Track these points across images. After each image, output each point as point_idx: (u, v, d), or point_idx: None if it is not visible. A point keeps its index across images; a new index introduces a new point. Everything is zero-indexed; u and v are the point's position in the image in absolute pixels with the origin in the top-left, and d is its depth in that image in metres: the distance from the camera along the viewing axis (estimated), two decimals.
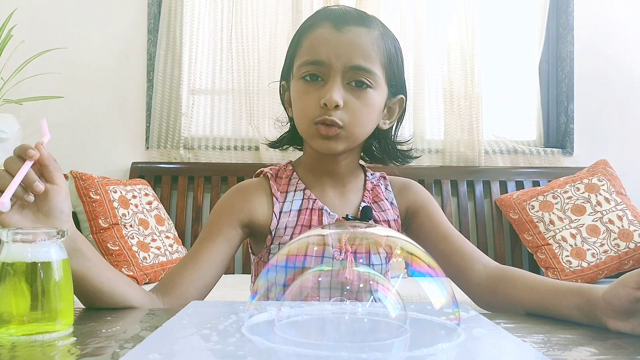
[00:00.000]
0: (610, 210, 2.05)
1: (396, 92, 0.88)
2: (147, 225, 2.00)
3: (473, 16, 2.40)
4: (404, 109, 0.90)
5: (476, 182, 2.36)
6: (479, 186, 2.36)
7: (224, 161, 2.38)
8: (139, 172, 2.32)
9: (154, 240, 1.97)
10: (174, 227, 2.16)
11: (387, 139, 0.92)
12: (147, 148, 2.39)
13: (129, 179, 2.27)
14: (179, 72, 2.39)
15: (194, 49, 2.42)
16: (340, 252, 0.56)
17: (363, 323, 0.52)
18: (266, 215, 0.86)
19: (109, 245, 1.85)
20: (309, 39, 0.83)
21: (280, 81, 0.92)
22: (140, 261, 1.86)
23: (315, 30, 0.83)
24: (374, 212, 0.87)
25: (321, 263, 0.55)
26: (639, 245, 1.99)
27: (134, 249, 1.88)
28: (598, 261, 1.97)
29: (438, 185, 2.36)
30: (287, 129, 0.95)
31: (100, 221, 1.88)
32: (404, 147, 0.94)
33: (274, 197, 0.86)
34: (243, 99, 2.40)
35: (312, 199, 0.86)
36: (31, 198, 0.63)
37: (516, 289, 0.75)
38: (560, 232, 2.04)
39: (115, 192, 1.97)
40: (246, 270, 2.24)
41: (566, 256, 1.99)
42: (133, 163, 2.35)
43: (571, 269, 1.97)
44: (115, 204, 1.93)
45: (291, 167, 0.91)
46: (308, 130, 0.82)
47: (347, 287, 0.52)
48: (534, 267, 2.17)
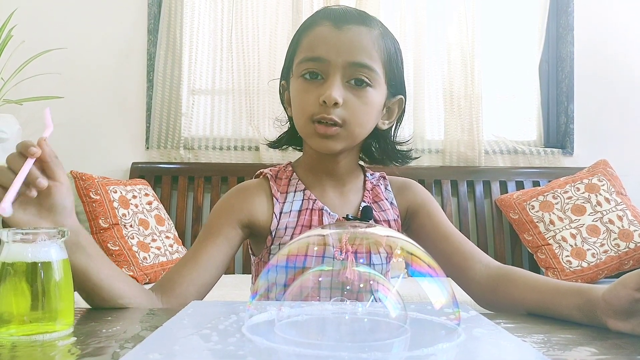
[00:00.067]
0: (611, 211, 2.05)
1: (395, 93, 0.87)
2: (147, 226, 2.00)
3: (473, 16, 2.40)
4: (403, 109, 0.90)
5: (476, 182, 2.36)
6: (479, 186, 2.36)
7: (224, 161, 2.38)
8: (139, 172, 2.32)
9: (154, 241, 1.97)
10: (174, 227, 2.16)
11: (386, 139, 0.92)
12: (147, 148, 2.39)
13: (129, 179, 2.27)
14: (179, 72, 2.39)
15: (194, 49, 2.42)
16: (341, 252, 0.56)
17: (363, 323, 0.52)
18: (266, 216, 0.85)
19: (109, 245, 1.85)
20: (309, 36, 0.83)
21: (280, 81, 0.92)
22: (140, 261, 1.86)
23: (315, 29, 0.83)
24: (374, 212, 0.87)
25: (322, 263, 0.55)
26: (639, 245, 1.99)
27: (134, 249, 1.88)
28: (598, 261, 1.97)
29: (438, 185, 2.36)
30: (287, 129, 0.95)
31: (100, 221, 1.88)
32: (403, 148, 0.94)
33: (274, 198, 0.86)
34: (243, 99, 2.40)
35: (312, 199, 0.86)
36: (34, 193, 0.62)
37: (517, 288, 0.75)
38: (560, 232, 2.04)
39: (116, 192, 1.97)
40: (246, 270, 2.24)
41: (566, 256, 1.99)
42: (133, 163, 2.35)
43: (571, 269, 1.97)
44: (115, 204, 1.93)
45: (291, 168, 0.91)
46: (306, 128, 0.82)
47: (348, 287, 0.52)
48: (534, 267, 2.17)
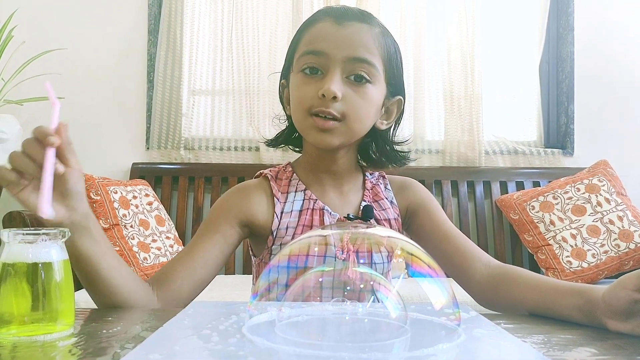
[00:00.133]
0: (611, 211, 2.05)
1: (395, 93, 0.87)
2: (148, 226, 2.00)
3: (473, 16, 2.39)
4: (402, 110, 0.90)
5: (476, 182, 2.36)
6: (480, 187, 2.36)
7: (224, 162, 2.38)
8: (139, 172, 2.32)
9: (154, 241, 1.97)
10: (174, 228, 2.16)
11: (384, 139, 0.91)
12: (148, 148, 2.39)
13: (130, 179, 2.27)
14: (180, 72, 2.39)
15: (194, 49, 2.42)
16: (343, 252, 0.56)
17: (363, 323, 0.52)
18: (267, 216, 0.85)
19: None
20: (310, 32, 0.83)
21: (280, 79, 0.92)
22: (140, 262, 1.86)
23: (316, 25, 0.83)
24: (374, 211, 0.87)
25: (323, 263, 0.55)
26: (639, 245, 1.99)
27: (135, 249, 1.88)
28: (598, 262, 1.97)
29: (438, 185, 2.36)
30: (285, 128, 0.95)
31: (100, 222, 1.88)
32: (402, 148, 0.93)
33: (274, 198, 0.86)
34: (243, 100, 2.40)
35: (312, 199, 0.86)
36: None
37: (517, 287, 0.75)
38: (560, 232, 2.04)
39: (116, 193, 1.97)
40: (247, 271, 2.24)
41: (566, 256, 1.99)
42: (133, 164, 2.35)
43: (571, 270, 1.97)
44: (115, 205, 1.93)
45: (291, 168, 0.91)
46: (304, 121, 0.81)
47: (349, 287, 0.52)
48: (534, 267, 2.17)
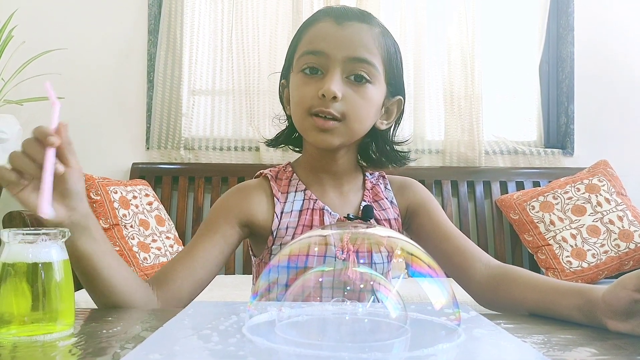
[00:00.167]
0: (611, 211, 2.05)
1: (395, 93, 0.87)
2: (148, 226, 2.00)
3: (473, 16, 2.39)
4: (402, 110, 0.90)
5: (476, 182, 2.36)
6: (480, 187, 2.36)
7: (224, 162, 2.38)
8: (139, 172, 2.32)
9: (154, 241, 1.97)
10: (174, 228, 2.16)
11: (384, 139, 0.91)
12: (148, 148, 2.39)
13: (130, 179, 2.27)
14: (179, 72, 2.39)
15: (194, 49, 2.42)
16: (343, 252, 0.56)
17: (363, 323, 0.52)
18: (267, 216, 0.85)
19: None
20: (310, 32, 0.83)
21: (280, 79, 0.92)
22: (140, 262, 1.86)
23: (316, 25, 0.83)
24: (374, 211, 0.87)
25: (323, 263, 0.55)
26: (639, 245, 1.99)
27: (135, 249, 1.88)
28: (598, 262, 1.97)
29: (438, 185, 2.36)
30: (285, 128, 0.95)
31: (100, 222, 1.88)
32: (402, 148, 0.93)
33: (274, 198, 0.86)
34: (243, 100, 2.40)
35: (312, 199, 0.86)
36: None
37: (517, 287, 0.75)
38: (560, 232, 2.04)
39: (116, 193, 1.97)
40: (247, 271, 2.24)
41: (566, 257, 1.99)
42: (133, 164, 2.35)
43: (571, 270, 1.97)
44: (115, 205, 1.93)
45: (290, 169, 0.91)
46: (304, 122, 0.81)
47: (349, 287, 0.52)
48: (534, 267, 2.17)
